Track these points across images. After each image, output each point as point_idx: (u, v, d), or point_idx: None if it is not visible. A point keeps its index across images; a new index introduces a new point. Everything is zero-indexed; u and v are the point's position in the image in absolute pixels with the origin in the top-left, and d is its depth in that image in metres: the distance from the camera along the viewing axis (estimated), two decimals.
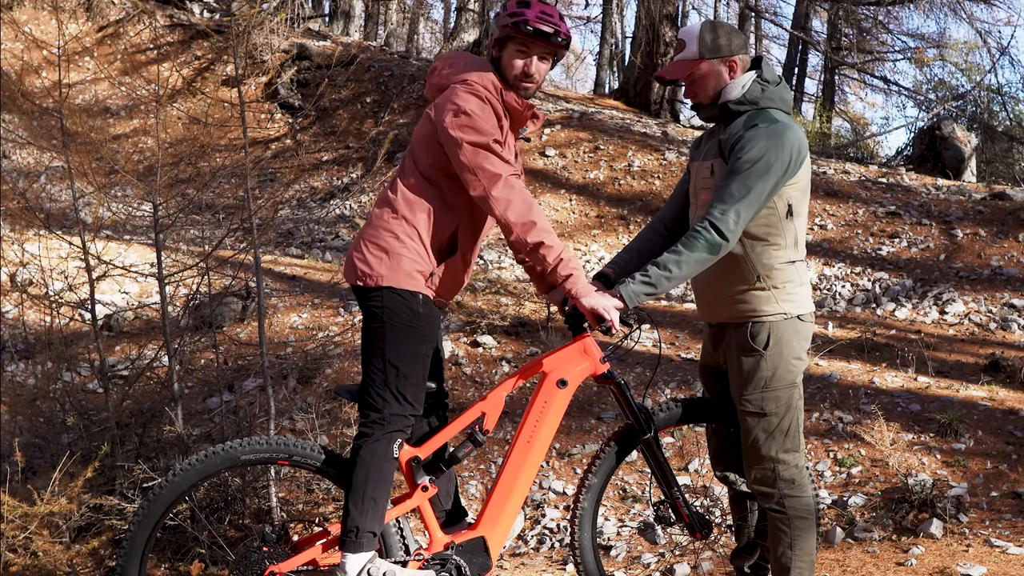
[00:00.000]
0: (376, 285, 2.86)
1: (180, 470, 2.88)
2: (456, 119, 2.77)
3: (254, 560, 2.87)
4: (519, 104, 2.90)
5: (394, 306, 2.85)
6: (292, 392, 5.57)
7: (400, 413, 2.85)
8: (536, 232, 2.76)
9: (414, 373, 2.87)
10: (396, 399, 2.85)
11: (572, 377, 3.01)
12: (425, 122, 2.91)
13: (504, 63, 2.90)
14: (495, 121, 2.82)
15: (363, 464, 2.83)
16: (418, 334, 2.87)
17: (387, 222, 2.89)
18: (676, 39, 3.02)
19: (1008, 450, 4.63)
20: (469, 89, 2.82)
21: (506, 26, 2.87)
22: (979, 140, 14.38)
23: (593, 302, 2.80)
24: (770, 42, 24.08)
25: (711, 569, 3.90)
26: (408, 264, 2.86)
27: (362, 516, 2.81)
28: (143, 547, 2.86)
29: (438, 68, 2.98)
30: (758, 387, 2.91)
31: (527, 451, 2.98)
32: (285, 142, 12.33)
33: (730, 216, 2.74)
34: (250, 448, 2.91)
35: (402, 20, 21.44)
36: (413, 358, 2.87)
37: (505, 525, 3.01)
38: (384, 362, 2.85)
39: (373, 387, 2.86)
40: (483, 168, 2.75)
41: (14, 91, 4.36)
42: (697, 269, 2.80)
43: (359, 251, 2.91)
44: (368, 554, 2.82)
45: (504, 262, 8.94)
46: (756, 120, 2.84)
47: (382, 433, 2.84)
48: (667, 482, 3.15)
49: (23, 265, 5.56)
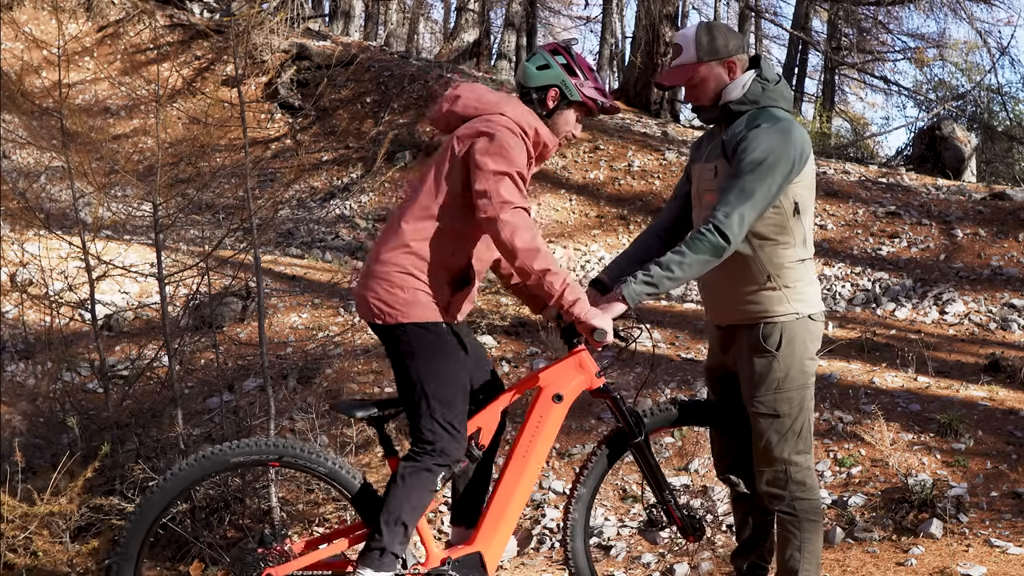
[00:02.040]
0: (396, 323, 2.85)
1: (172, 473, 2.87)
2: (491, 144, 2.78)
3: (249, 562, 2.87)
4: (551, 143, 2.98)
5: (420, 341, 2.85)
6: (292, 392, 5.57)
7: (451, 446, 2.86)
8: (541, 259, 2.77)
9: (457, 399, 2.88)
10: (446, 430, 2.85)
11: (568, 392, 3.01)
12: (448, 148, 2.88)
13: (562, 120, 3.00)
14: (524, 159, 2.85)
15: (405, 487, 2.83)
16: (451, 362, 2.88)
17: (397, 257, 2.86)
18: (673, 45, 3.00)
19: (1008, 450, 4.63)
20: (506, 123, 2.84)
21: (592, 99, 2.97)
22: (979, 140, 14.38)
23: (598, 322, 2.81)
24: (770, 42, 24.11)
25: (711, 569, 3.90)
26: (424, 297, 2.86)
27: (392, 538, 2.82)
28: (138, 551, 2.85)
29: (463, 97, 2.95)
30: (771, 388, 2.89)
31: (523, 466, 2.97)
32: (285, 142, 12.33)
33: (734, 218, 2.73)
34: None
35: (402, 20, 21.44)
36: (453, 385, 2.88)
37: (501, 540, 3.00)
38: (424, 396, 2.85)
39: (421, 421, 2.86)
40: (499, 193, 2.76)
41: (14, 91, 4.35)
42: (700, 271, 2.79)
43: (371, 290, 2.88)
44: (388, 574, 2.83)
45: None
46: (758, 119, 2.82)
47: (433, 463, 2.84)
48: (658, 485, 3.14)
49: (23, 265, 5.56)
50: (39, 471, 4.04)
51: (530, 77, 2.96)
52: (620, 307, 2.83)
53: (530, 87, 2.96)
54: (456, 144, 2.86)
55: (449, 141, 2.90)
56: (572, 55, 2.98)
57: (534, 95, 2.96)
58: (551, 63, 2.94)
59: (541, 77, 2.94)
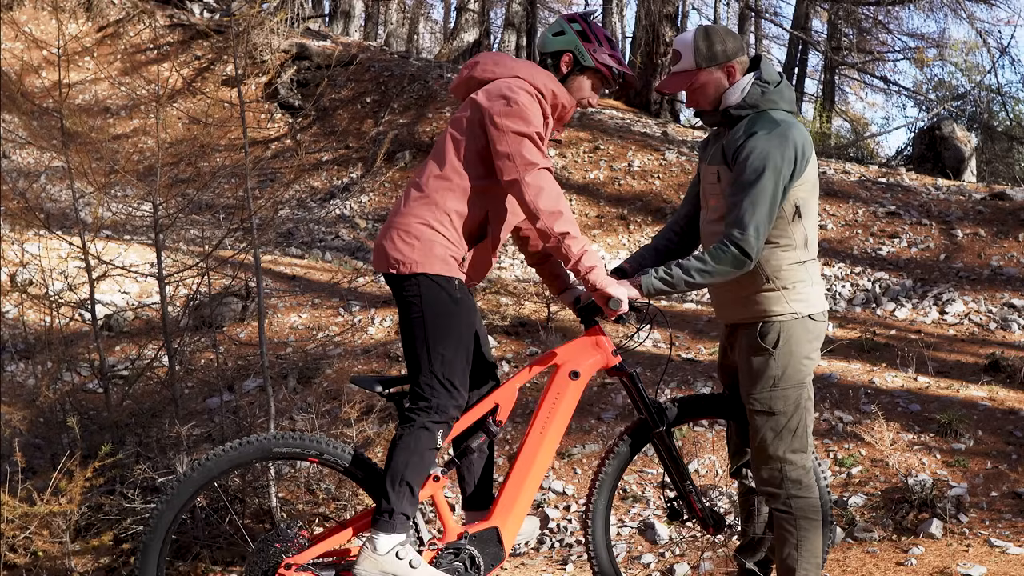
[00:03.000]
0: (411, 272, 2.87)
1: (213, 455, 2.91)
2: (507, 108, 2.84)
3: (270, 553, 2.88)
4: (568, 104, 3.02)
5: (431, 293, 2.87)
6: (292, 392, 5.58)
7: (448, 403, 2.88)
8: (563, 222, 2.81)
9: (459, 358, 2.90)
10: (445, 387, 2.87)
11: (584, 369, 3.04)
12: (466, 108, 2.94)
13: (576, 85, 3.04)
14: (541, 118, 2.90)
15: (406, 448, 2.85)
16: (459, 320, 2.89)
17: (417, 208, 2.91)
18: (671, 51, 3.02)
19: (1008, 450, 4.63)
20: (521, 84, 2.90)
21: (605, 66, 3.00)
22: (979, 140, 14.37)
23: (613, 291, 2.84)
24: (770, 42, 24.09)
25: (711, 569, 3.90)
26: (441, 250, 2.88)
27: (399, 499, 2.83)
28: (167, 530, 2.88)
29: (481, 63, 3.02)
30: (767, 386, 2.92)
31: (540, 442, 3.01)
32: (285, 142, 12.33)
33: (750, 233, 2.76)
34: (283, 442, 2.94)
35: (402, 20, 21.44)
36: (457, 344, 2.89)
37: (518, 516, 3.03)
38: (428, 351, 2.87)
39: (420, 376, 2.88)
40: (521, 155, 2.81)
41: (14, 91, 4.35)
42: (719, 280, 2.84)
43: (389, 239, 2.92)
44: (400, 536, 2.84)
45: (504, 262, 8.94)
46: (756, 126, 2.82)
47: (429, 421, 2.86)
48: (680, 476, 3.17)
49: (23, 265, 5.56)
50: (39, 471, 4.04)
51: (546, 43, 3.04)
52: (635, 292, 2.88)
53: (546, 52, 3.04)
54: (473, 106, 2.92)
55: (467, 103, 2.96)
56: (588, 23, 3.03)
57: (549, 60, 3.04)
58: (566, 29, 3.01)
59: (556, 43, 3.02)
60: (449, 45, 17.09)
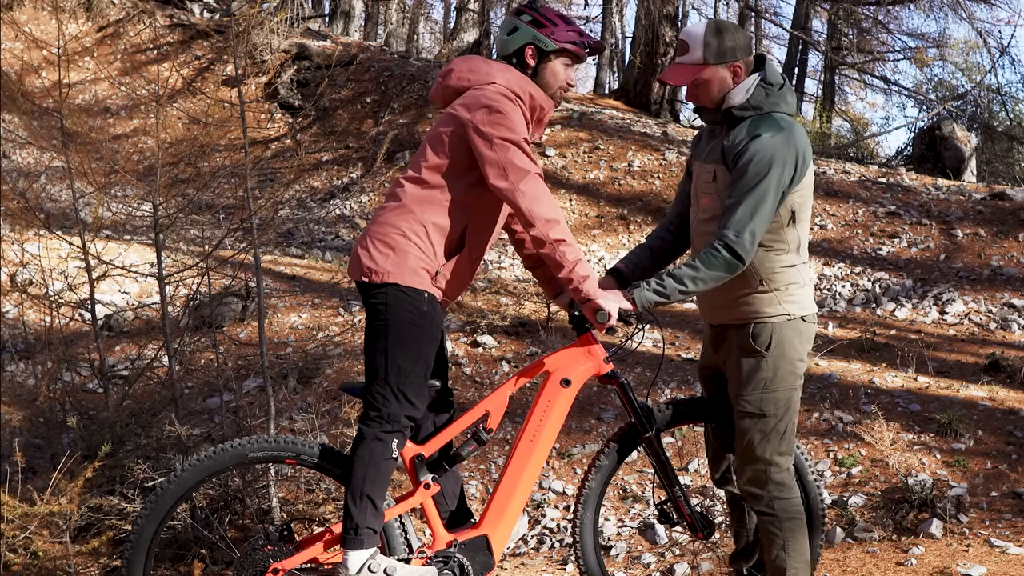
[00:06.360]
0: (381, 281, 2.85)
1: (187, 466, 2.90)
2: (490, 116, 2.82)
3: (258, 558, 2.88)
4: (547, 105, 2.99)
5: (398, 304, 2.85)
6: (292, 392, 5.58)
7: (400, 412, 2.86)
8: (558, 230, 2.81)
9: (416, 372, 2.87)
10: (396, 398, 2.85)
11: (576, 376, 3.03)
12: (446, 120, 2.91)
13: (549, 73, 2.99)
14: (523, 125, 2.88)
15: (361, 462, 2.84)
16: (422, 333, 2.87)
17: (394, 219, 2.89)
18: (678, 40, 2.99)
19: (1008, 450, 4.63)
20: (499, 90, 2.87)
21: (570, 43, 2.96)
22: (979, 140, 14.38)
23: (604, 303, 2.83)
24: (770, 42, 24.06)
25: (711, 569, 3.90)
26: (414, 261, 2.87)
27: (361, 513, 2.82)
28: (149, 543, 2.88)
29: (456, 70, 2.98)
30: (758, 388, 2.91)
31: (530, 450, 2.99)
32: (285, 142, 12.32)
33: (745, 237, 2.74)
34: (258, 446, 2.93)
35: (402, 20, 21.44)
36: (416, 357, 2.87)
37: (508, 524, 3.02)
38: (386, 360, 2.85)
39: (374, 385, 2.86)
40: (512, 163, 2.80)
41: (14, 91, 4.35)
42: (712, 285, 2.82)
43: (364, 247, 2.91)
44: (369, 551, 2.83)
45: (504, 262, 8.94)
46: (759, 128, 2.79)
47: (381, 431, 2.84)
48: (669, 481, 3.15)
49: (23, 265, 5.55)
50: (39, 471, 4.04)
51: (504, 45, 3.01)
52: (628, 305, 2.86)
53: (508, 54, 3.00)
54: (452, 119, 2.89)
55: (446, 116, 2.93)
56: (536, 9, 3.00)
57: (514, 60, 3.00)
58: (518, 25, 2.97)
59: (513, 41, 2.98)
60: (449, 45, 17.09)
